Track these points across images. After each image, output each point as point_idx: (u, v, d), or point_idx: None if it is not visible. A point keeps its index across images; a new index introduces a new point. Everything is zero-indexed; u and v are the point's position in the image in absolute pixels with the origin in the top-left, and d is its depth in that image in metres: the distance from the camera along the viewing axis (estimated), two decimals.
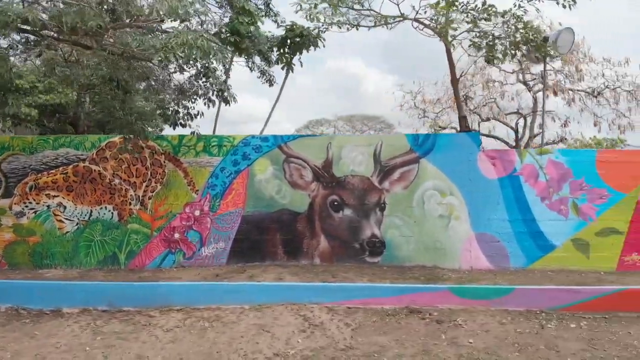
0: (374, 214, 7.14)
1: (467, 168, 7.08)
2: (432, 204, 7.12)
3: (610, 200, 7.04)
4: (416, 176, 7.13)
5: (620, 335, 5.09)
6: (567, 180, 7.07)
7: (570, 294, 5.61)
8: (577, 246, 7.04)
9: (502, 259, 7.07)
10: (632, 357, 4.56)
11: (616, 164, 7.06)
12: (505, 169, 7.10)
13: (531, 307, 5.63)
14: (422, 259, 7.12)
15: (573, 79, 15.71)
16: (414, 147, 7.13)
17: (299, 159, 7.18)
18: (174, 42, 5.03)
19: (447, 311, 5.62)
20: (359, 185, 7.16)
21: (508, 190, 7.07)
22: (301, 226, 7.17)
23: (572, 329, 5.25)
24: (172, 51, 5.00)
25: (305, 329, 5.22)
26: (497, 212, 7.07)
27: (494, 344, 4.87)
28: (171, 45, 5.01)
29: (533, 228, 7.05)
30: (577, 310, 5.62)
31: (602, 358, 4.55)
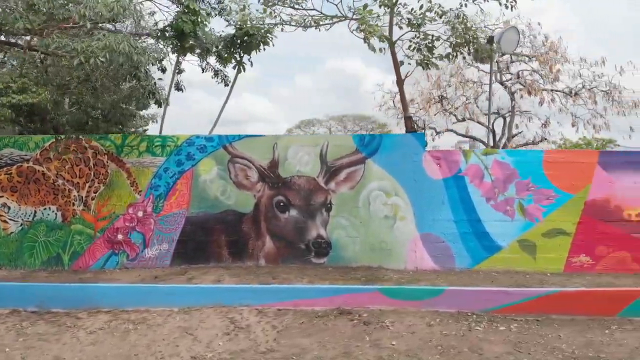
0: (320, 214, 7.08)
1: (412, 168, 7.04)
2: (377, 205, 7.07)
3: (557, 201, 7.01)
4: (362, 177, 7.08)
5: (549, 339, 5.05)
6: (513, 180, 7.03)
7: (502, 295, 5.56)
8: (523, 247, 7.01)
9: (447, 259, 7.02)
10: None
11: (564, 165, 7.03)
12: (450, 169, 7.06)
13: (462, 309, 5.58)
14: (368, 259, 7.06)
15: (547, 79, 15.73)
16: (360, 147, 7.08)
17: (244, 159, 7.11)
18: (96, 45, 4.96)
19: (377, 312, 5.56)
20: (305, 185, 7.10)
21: (453, 191, 7.03)
22: (246, 227, 7.10)
23: (501, 332, 5.20)
24: (93, 55, 4.93)
25: (230, 332, 5.15)
26: (442, 213, 7.03)
27: (416, 346, 4.83)
28: (92, 49, 4.94)
29: (478, 229, 7.01)
30: (510, 312, 5.57)
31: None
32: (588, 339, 5.06)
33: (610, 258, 6.96)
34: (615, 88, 16.03)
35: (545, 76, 15.65)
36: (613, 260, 6.96)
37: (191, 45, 7.08)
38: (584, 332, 5.22)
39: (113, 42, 4.94)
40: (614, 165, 7.00)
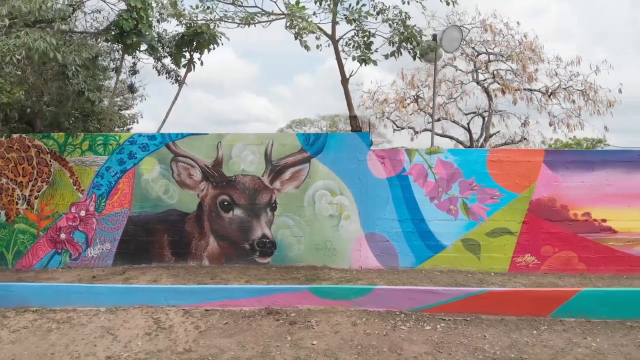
0: (265, 214, 7.03)
1: (357, 168, 7.00)
2: (322, 204, 7.03)
3: (502, 200, 6.98)
4: (307, 176, 7.04)
5: (473, 339, 5.02)
6: (457, 180, 6.99)
7: (430, 295, 5.52)
8: (467, 246, 6.97)
9: (391, 258, 6.98)
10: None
11: (508, 164, 7.00)
12: (394, 168, 7.02)
13: (391, 308, 5.54)
14: (312, 259, 7.02)
15: (522, 78, 15.71)
16: (305, 146, 7.03)
17: (187, 157, 7.06)
18: (13, 43, 4.90)
19: (305, 312, 5.52)
20: (249, 184, 7.05)
21: (397, 190, 6.99)
22: (189, 227, 7.05)
23: (426, 332, 5.17)
24: (9, 53, 4.88)
25: (151, 332, 5.10)
26: (387, 212, 6.99)
27: (336, 346, 4.79)
28: (9, 47, 4.88)
29: (422, 228, 6.98)
30: (439, 311, 5.53)
31: None
32: (514, 339, 5.03)
33: (556, 258, 6.93)
34: (590, 87, 16.06)
35: (519, 75, 15.63)
36: (559, 260, 6.93)
37: (134, 42, 7.02)
38: (511, 332, 5.19)
39: (30, 40, 4.89)
40: (560, 165, 6.97)
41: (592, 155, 7.13)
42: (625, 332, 5.24)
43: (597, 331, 5.26)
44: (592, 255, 6.90)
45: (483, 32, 16.59)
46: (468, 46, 16.69)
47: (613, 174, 6.93)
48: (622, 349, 4.84)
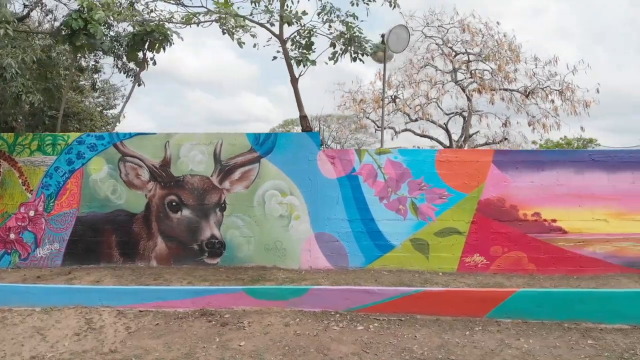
0: (214, 214, 7.00)
1: (307, 167, 6.97)
2: (272, 204, 7.00)
3: (450, 200, 6.96)
4: (257, 176, 7.01)
5: (403, 339, 5.00)
6: (406, 180, 6.98)
7: (365, 295, 5.51)
8: (416, 246, 6.95)
9: (341, 258, 6.96)
10: None
11: (457, 164, 6.98)
12: (344, 168, 7.00)
13: (327, 308, 5.53)
14: (262, 259, 6.99)
15: (497, 78, 15.70)
16: (255, 146, 7.01)
17: (135, 157, 7.02)
18: None
19: (240, 313, 5.49)
20: (198, 185, 7.02)
21: (347, 190, 6.97)
22: (137, 227, 7.01)
23: (357, 332, 5.15)
24: None
25: (81, 333, 5.07)
26: (337, 212, 6.96)
27: (264, 347, 4.76)
28: None
29: (372, 228, 6.96)
30: (375, 311, 5.52)
31: None
32: (445, 340, 5.01)
33: (506, 258, 6.91)
34: (568, 87, 16.07)
35: (495, 75, 15.63)
36: (508, 260, 6.91)
37: (83, 44, 6.98)
38: (444, 333, 5.17)
39: None
40: (509, 165, 6.95)
41: (542, 155, 7.12)
42: (561, 333, 5.23)
43: (532, 332, 5.25)
44: (542, 255, 6.88)
45: (461, 32, 16.65)
46: (445, 46, 16.72)
47: (564, 174, 6.91)
48: (553, 351, 4.82)
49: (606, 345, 4.94)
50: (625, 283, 6.55)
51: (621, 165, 6.90)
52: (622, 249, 6.87)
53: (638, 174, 6.89)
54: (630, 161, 6.91)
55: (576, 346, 4.93)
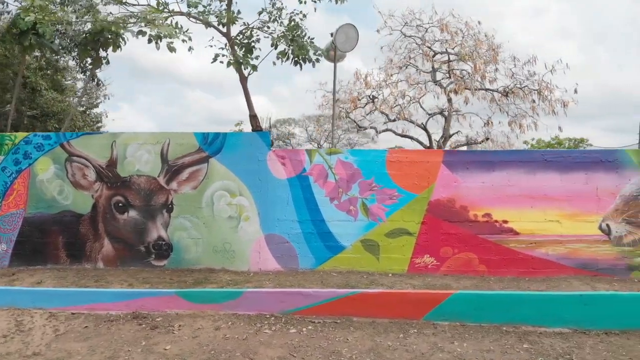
0: (161, 215, 6.90)
1: (257, 168, 6.88)
2: (221, 205, 6.90)
3: (400, 200, 6.87)
4: (205, 176, 6.91)
5: (334, 342, 4.92)
6: (357, 180, 6.89)
7: (300, 297, 5.42)
8: (366, 247, 6.87)
9: (291, 260, 6.87)
10: None
11: (407, 164, 6.90)
12: (294, 168, 6.90)
13: (262, 311, 5.44)
14: (210, 261, 6.89)
15: (473, 78, 15.64)
16: (203, 146, 6.91)
17: (81, 157, 6.91)
18: None
19: (173, 316, 5.40)
20: (145, 185, 6.92)
21: (297, 191, 6.88)
22: (84, 228, 6.91)
23: (289, 335, 5.06)
24: None
25: (8, 334, 4.98)
26: (287, 213, 6.87)
27: (189, 351, 4.68)
28: None
29: (322, 229, 6.87)
30: (311, 314, 5.43)
31: None
32: (377, 343, 4.93)
33: (456, 259, 6.83)
34: (547, 87, 16.03)
35: (472, 75, 15.57)
36: (459, 261, 6.83)
37: (31, 44, 6.87)
38: (377, 335, 5.09)
39: None
40: (459, 165, 6.87)
41: (492, 155, 7.03)
42: (498, 337, 5.15)
43: (468, 336, 5.16)
44: (492, 256, 6.80)
45: (440, 32, 16.59)
46: (424, 46, 16.65)
47: (515, 175, 6.84)
48: (486, 355, 4.74)
49: (542, 350, 4.87)
50: (577, 285, 6.48)
51: (574, 165, 6.83)
52: (575, 251, 6.80)
53: (592, 174, 6.81)
54: (584, 161, 6.84)
55: (510, 350, 4.85)
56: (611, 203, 6.78)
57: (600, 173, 6.80)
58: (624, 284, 6.57)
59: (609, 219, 6.79)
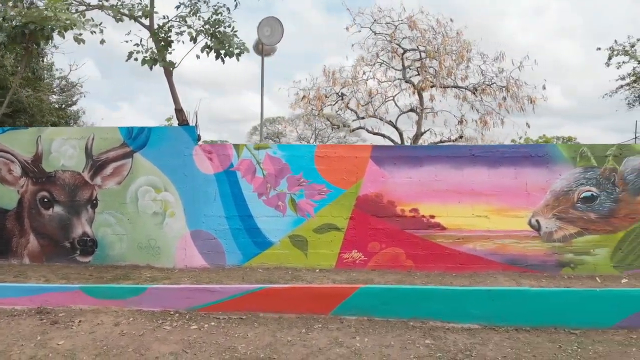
0: (86, 211, 6.82)
1: (182, 163, 6.81)
2: (146, 201, 6.83)
3: (329, 196, 6.82)
4: (130, 171, 6.83)
5: (232, 339, 4.82)
6: (285, 175, 6.83)
7: (208, 293, 5.33)
8: (294, 243, 6.81)
9: (218, 256, 6.80)
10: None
11: (336, 159, 6.84)
12: (222, 163, 6.83)
13: (168, 308, 5.35)
14: (136, 258, 6.82)
15: (441, 75, 15.58)
16: (128, 140, 6.83)
17: (7, 152, 6.83)
18: None
19: (77, 312, 5.30)
20: (70, 180, 6.84)
21: (225, 186, 6.81)
22: (10, 224, 6.82)
23: (188, 331, 4.98)
24: None
25: None
26: (214, 209, 6.80)
27: (81, 346, 4.59)
28: None
29: (250, 224, 6.80)
30: (217, 310, 5.34)
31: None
32: (277, 339, 4.86)
33: (384, 254, 6.78)
34: (515, 83, 15.97)
35: (438, 72, 15.50)
36: (386, 256, 6.78)
37: None
38: (280, 331, 5.01)
39: None
40: (387, 160, 6.82)
41: (420, 150, 7.00)
42: (402, 332, 5.07)
43: (373, 330, 5.10)
44: (420, 252, 6.75)
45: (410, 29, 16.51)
46: (393, 43, 16.58)
47: (442, 170, 6.78)
48: (384, 350, 4.67)
49: (443, 346, 4.80)
50: (502, 281, 6.44)
51: (503, 160, 6.78)
52: (503, 246, 6.75)
53: (521, 169, 6.77)
54: (513, 156, 6.79)
55: (410, 346, 4.79)
56: (541, 198, 6.74)
57: (530, 168, 6.76)
58: (553, 281, 6.55)
59: (539, 215, 6.74)
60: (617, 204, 6.72)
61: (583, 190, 6.71)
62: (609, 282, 6.45)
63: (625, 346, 4.84)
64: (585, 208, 6.71)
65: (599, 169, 6.72)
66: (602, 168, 6.71)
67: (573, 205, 6.71)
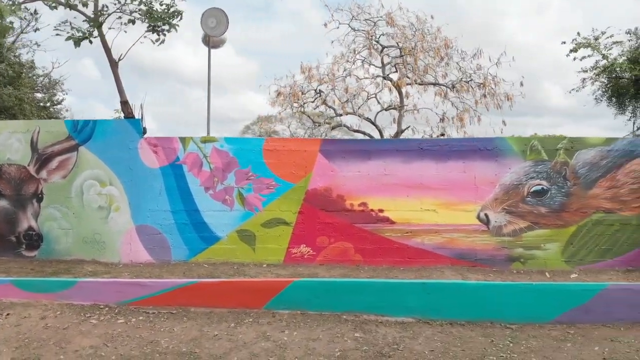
0: (31, 205, 6.73)
1: (127, 156, 6.71)
2: (91, 195, 6.73)
3: (278, 190, 6.74)
4: (75, 165, 6.74)
5: (157, 333, 4.78)
6: (233, 169, 6.74)
7: (138, 287, 5.26)
8: (242, 238, 6.72)
9: (164, 251, 6.71)
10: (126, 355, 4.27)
11: (285, 153, 6.76)
12: (167, 157, 6.74)
13: (99, 301, 5.28)
14: (81, 252, 6.72)
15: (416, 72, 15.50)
16: (73, 133, 6.74)
17: None
18: None
19: (7, 304, 5.26)
20: (15, 174, 6.74)
21: (171, 180, 6.72)
22: None
23: (114, 325, 4.90)
24: None
25: None
26: (159, 203, 6.71)
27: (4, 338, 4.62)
28: None
29: (196, 219, 6.72)
30: (148, 304, 5.27)
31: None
32: (203, 333, 4.79)
33: (332, 249, 6.71)
34: (494, 80, 15.91)
35: (416, 69, 15.42)
36: (335, 251, 6.70)
37: None
38: (208, 325, 4.94)
39: None
40: (336, 154, 6.74)
41: (369, 144, 6.94)
42: (333, 325, 5.01)
43: (304, 324, 5.03)
44: (368, 246, 6.68)
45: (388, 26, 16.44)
46: (372, 40, 16.50)
47: (391, 164, 6.71)
48: (311, 344, 4.60)
49: (372, 339, 4.73)
50: (449, 275, 6.37)
51: (451, 154, 6.71)
52: (452, 240, 6.68)
53: (470, 163, 6.70)
54: (462, 150, 6.73)
55: (338, 339, 4.71)
56: (490, 192, 6.67)
57: (479, 161, 6.69)
58: (501, 275, 6.46)
59: (488, 209, 6.67)
60: (569, 198, 6.65)
61: (533, 184, 6.64)
62: (558, 277, 6.36)
63: (560, 341, 4.79)
64: (536, 202, 6.65)
65: (550, 163, 6.65)
66: (553, 161, 6.65)
67: (523, 199, 6.64)
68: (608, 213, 6.64)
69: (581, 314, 5.16)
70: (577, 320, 5.16)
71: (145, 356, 4.29)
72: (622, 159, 6.66)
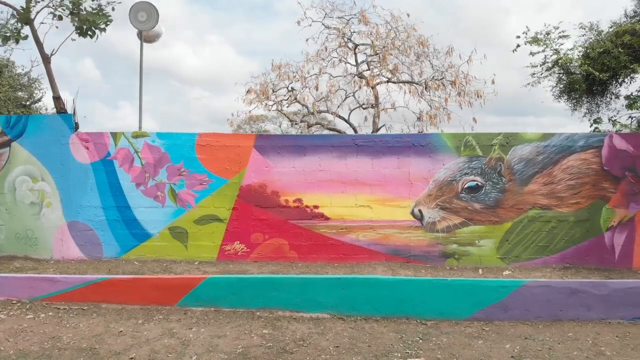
0: None
1: (59, 152, 6.63)
2: (23, 191, 6.65)
3: (211, 186, 6.67)
4: (7, 160, 6.65)
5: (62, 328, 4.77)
6: (165, 165, 6.67)
7: (50, 283, 5.20)
8: (174, 235, 6.66)
9: (95, 248, 6.64)
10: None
11: (218, 148, 6.69)
12: (99, 152, 6.67)
13: (11, 297, 5.22)
14: (14, 249, 6.64)
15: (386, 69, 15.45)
16: (6, 129, 6.66)
17: None
18: None
19: None
20: None
21: (102, 176, 6.65)
22: None
23: (22, 320, 4.88)
24: None
25: None
26: (90, 199, 6.64)
27: None
28: None
29: (128, 215, 6.64)
30: (59, 300, 5.21)
31: None
32: (108, 329, 4.74)
33: (267, 245, 6.64)
34: (465, 77, 15.87)
35: (385, 67, 15.38)
36: (270, 247, 6.64)
37: None
38: (116, 322, 4.89)
39: None
40: (271, 150, 6.67)
41: (303, 140, 6.84)
42: (244, 322, 4.95)
43: (215, 321, 4.98)
44: (303, 242, 6.62)
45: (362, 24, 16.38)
46: (344, 37, 16.44)
47: (326, 159, 6.65)
48: (215, 340, 4.53)
49: (279, 336, 4.67)
50: (380, 271, 6.31)
51: (386, 150, 6.65)
52: (386, 237, 6.63)
53: (404, 159, 6.64)
54: (397, 146, 6.67)
55: (245, 336, 4.65)
56: (424, 188, 6.62)
57: (413, 157, 6.64)
58: (434, 272, 6.40)
59: (422, 204, 6.62)
60: (504, 194, 6.60)
61: (467, 180, 6.59)
62: (491, 274, 6.32)
63: (472, 338, 4.74)
64: (470, 198, 6.59)
65: (485, 158, 6.60)
66: (488, 157, 6.60)
67: (457, 195, 6.59)
68: (544, 209, 6.59)
69: (499, 310, 5.12)
70: (495, 317, 5.12)
71: (44, 351, 4.23)
72: (559, 154, 6.61)
